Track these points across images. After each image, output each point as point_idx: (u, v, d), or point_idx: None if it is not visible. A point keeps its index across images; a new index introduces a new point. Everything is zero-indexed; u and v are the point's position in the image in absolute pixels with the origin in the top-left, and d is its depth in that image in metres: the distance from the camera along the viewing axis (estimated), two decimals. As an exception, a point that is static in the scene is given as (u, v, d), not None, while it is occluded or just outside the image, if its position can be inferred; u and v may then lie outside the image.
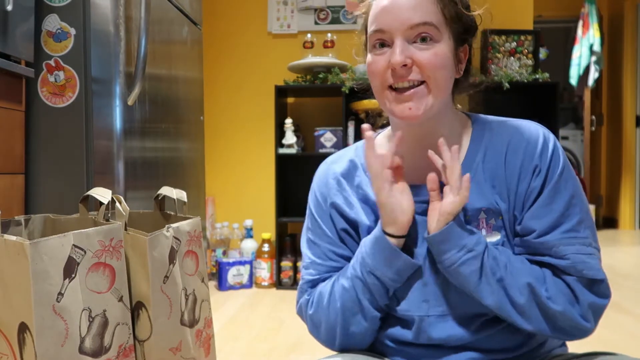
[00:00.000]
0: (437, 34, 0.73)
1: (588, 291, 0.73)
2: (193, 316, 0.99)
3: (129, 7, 1.65)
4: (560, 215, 0.75)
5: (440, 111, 0.78)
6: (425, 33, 0.73)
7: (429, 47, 0.73)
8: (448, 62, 0.75)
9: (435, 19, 0.73)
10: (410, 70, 0.73)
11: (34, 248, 0.72)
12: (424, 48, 0.73)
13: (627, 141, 5.01)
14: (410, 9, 0.72)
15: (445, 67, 0.74)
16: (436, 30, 0.73)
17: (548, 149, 0.77)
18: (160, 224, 1.03)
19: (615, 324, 2.03)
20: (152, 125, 1.84)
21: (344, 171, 0.88)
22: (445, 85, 0.76)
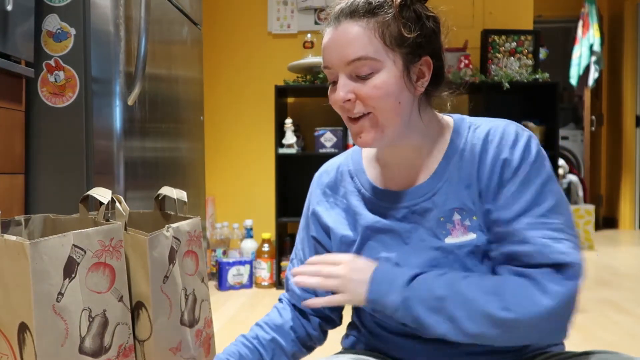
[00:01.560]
0: (376, 65, 0.74)
1: (555, 278, 0.70)
2: (193, 316, 0.99)
3: (129, 7, 1.65)
4: (530, 203, 0.75)
5: (403, 131, 0.79)
6: (362, 68, 0.74)
7: (369, 79, 0.75)
8: (392, 88, 0.75)
9: (371, 51, 0.74)
10: (354, 104, 0.76)
11: (34, 248, 0.72)
12: (363, 82, 0.75)
13: (627, 141, 5.01)
14: (345, 45, 0.74)
15: (388, 96, 0.75)
16: (373, 61, 0.74)
17: (519, 142, 0.77)
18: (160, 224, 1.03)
19: (615, 324, 2.04)
20: (152, 125, 1.84)
21: (330, 182, 0.93)
22: (393, 112, 0.76)
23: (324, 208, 0.92)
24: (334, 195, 0.91)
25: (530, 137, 0.78)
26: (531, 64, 2.95)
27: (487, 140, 0.79)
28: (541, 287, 0.70)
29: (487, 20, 3.11)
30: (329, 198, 0.92)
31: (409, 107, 0.78)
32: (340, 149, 2.74)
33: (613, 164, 5.27)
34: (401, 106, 0.77)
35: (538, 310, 0.69)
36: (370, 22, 0.74)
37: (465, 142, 0.81)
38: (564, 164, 4.24)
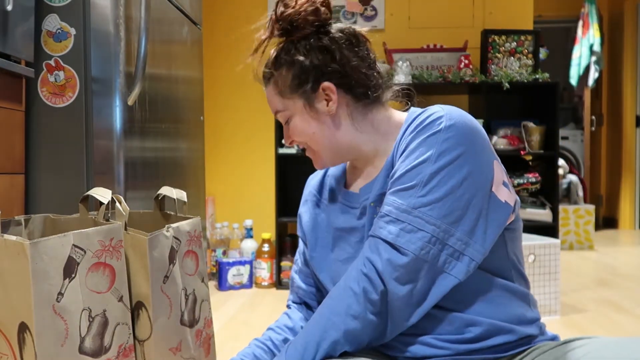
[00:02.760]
0: (287, 113, 0.89)
1: (380, 249, 0.77)
2: (193, 316, 0.99)
3: (129, 7, 1.65)
4: (398, 177, 0.79)
5: (342, 148, 0.89)
6: (281, 118, 0.91)
7: (289, 125, 0.90)
8: (303, 125, 0.88)
9: (280, 105, 0.90)
10: (295, 142, 0.93)
11: (34, 248, 0.72)
12: (288, 127, 0.91)
13: (627, 141, 5.01)
14: (269, 103, 0.93)
15: (303, 132, 0.89)
16: (283, 112, 0.90)
17: (428, 119, 0.80)
18: (160, 224, 1.03)
19: (615, 324, 2.04)
20: (152, 125, 1.84)
21: (316, 184, 1.02)
22: (316, 140, 0.89)
23: (306, 209, 1.01)
24: (318, 197, 1.00)
25: (442, 115, 0.79)
26: (531, 64, 2.95)
27: (410, 124, 0.84)
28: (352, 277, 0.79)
29: (487, 20, 3.11)
30: (313, 199, 1.00)
31: (328, 131, 0.88)
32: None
33: (613, 164, 5.27)
34: (318, 135, 0.88)
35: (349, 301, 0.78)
36: (271, 85, 0.91)
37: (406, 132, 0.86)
38: (564, 164, 4.24)
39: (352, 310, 0.77)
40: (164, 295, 0.90)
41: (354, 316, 0.77)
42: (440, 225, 0.75)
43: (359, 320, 0.77)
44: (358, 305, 0.77)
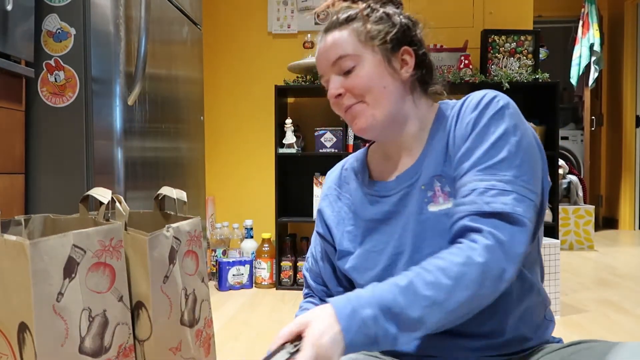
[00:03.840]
0: (356, 58, 0.84)
1: (496, 224, 0.71)
2: (193, 316, 0.99)
3: (129, 7, 1.65)
4: (480, 157, 0.77)
5: (396, 116, 0.86)
6: (343, 64, 0.85)
7: (351, 73, 0.84)
8: (375, 75, 0.84)
9: (350, 49, 0.84)
10: (344, 97, 0.86)
11: (34, 248, 0.72)
12: (348, 76, 0.85)
13: (627, 141, 5.01)
14: (329, 50, 0.86)
15: (372, 81, 0.84)
16: (353, 56, 0.84)
17: (483, 100, 0.80)
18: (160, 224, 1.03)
19: (615, 324, 2.03)
20: (152, 125, 1.84)
21: (335, 179, 1.01)
22: (380, 95, 0.84)
23: (327, 203, 0.98)
24: (339, 191, 0.98)
25: (496, 95, 0.81)
26: (531, 64, 2.95)
27: (461, 108, 0.84)
28: (471, 247, 0.70)
29: (487, 20, 3.12)
30: (333, 194, 0.98)
31: (397, 92, 0.85)
32: (340, 149, 2.74)
33: (613, 164, 5.27)
34: (387, 90, 0.85)
35: (472, 271, 0.69)
36: (346, 29, 0.86)
37: (446, 116, 0.87)
38: (564, 164, 4.23)
39: (484, 281, 0.69)
40: (164, 295, 0.90)
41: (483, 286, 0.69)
42: (536, 191, 0.76)
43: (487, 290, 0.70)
44: (489, 280, 0.69)
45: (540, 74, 2.82)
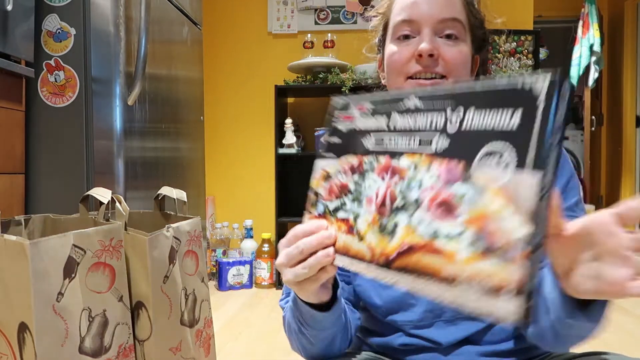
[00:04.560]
0: (463, 34, 0.75)
1: None
2: (193, 316, 0.99)
3: (129, 7, 1.65)
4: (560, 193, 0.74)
5: None
6: (453, 29, 0.74)
7: (455, 44, 0.74)
8: (468, 63, 0.76)
9: (463, 19, 0.75)
10: (436, 62, 0.74)
11: (34, 248, 0.72)
12: (450, 44, 0.74)
13: (627, 141, 5.01)
14: (442, 3, 0.74)
15: (465, 67, 0.76)
16: (462, 29, 0.75)
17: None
18: (160, 224, 1.03)
19: (615, 324, 2.03)
20: (152, 125, 1.84)
21: None
22: None
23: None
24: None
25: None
26: (531, 64, 2.95)
27: None
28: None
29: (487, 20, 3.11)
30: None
31: None
32: (340, 149, 2.74)
33: (613, 164, 5.28)
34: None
35: None
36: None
37: None
38: (564, 164, 4.24)
39: None
40: (164, 295, 0.90)
41: None
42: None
43: None
44: None
45: (540, 74, 2.82)
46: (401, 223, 0.50)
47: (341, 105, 0.61)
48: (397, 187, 0.52)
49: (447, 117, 0.49)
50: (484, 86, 0.47)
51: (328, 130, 0.61)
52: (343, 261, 0.55)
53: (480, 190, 0.44)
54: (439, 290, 0.45)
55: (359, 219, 0.55)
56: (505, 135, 0.44)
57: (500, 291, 0.40)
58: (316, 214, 0.60)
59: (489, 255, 0.42)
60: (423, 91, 0.52)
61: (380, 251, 0.51)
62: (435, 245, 0.46)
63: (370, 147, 0.56)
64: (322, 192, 0.60)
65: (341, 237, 0.56)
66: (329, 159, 0.60)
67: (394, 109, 0.54)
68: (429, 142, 0.50)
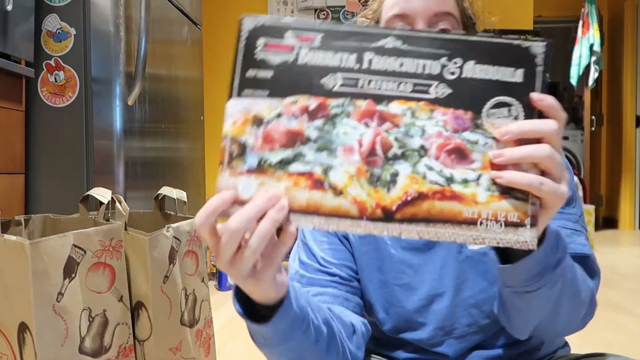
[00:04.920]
0: (457, 28, 0.74)
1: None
2: (193, 316, 0.99)
3: (129, 7, 1.65)
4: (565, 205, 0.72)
5: None
6: (446, 24, 0.73)
7: None
8: None
9: (456, 13, 0.74)
10: None
11: (34, 248, 0.72)
12: None
13: (627, 141, 5.01)
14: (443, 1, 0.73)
15: None
16: (456, 23, 0.74)
17: None
18: (160, 224, 1.03)
19: (615, 324, 2.03)
20: (152, 125, 1.84)
21: None
22: None
23: None
24: None
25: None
26: (531, 64, 2.95)
27: None
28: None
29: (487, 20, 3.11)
30: None
31: None
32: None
33: (613, 164, 5.27)
34: None
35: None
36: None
37: None
38: (564, 164, 4.24)
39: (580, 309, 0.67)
40: (164, 295, 0.90)
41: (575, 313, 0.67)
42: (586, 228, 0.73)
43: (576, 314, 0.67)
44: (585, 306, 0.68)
45: (540, 74, 2.82)
46: (403, 172, 0.47)
47: (266, 29, 0.50)
48: (391, 134, 0.48)
49: (442, 65, 0.48)
50: (481, 40, 0.48)
51: (245, 60, 0.50)
52: (311, 221, 0.47)
53: (492, 137, 0.47)
54: (459, 231, 0.46)
55: (331, 171, 0.47)
56: (511, 88, 0.47)
57: (521, 223, 0.46)
58: (243, 169, 0.47)
59: (508, 195, 0.46)
60: (404, 33, 0.49)
61: (375, 204, 0.47)
62: (452, 190, 0.47)
63: (335, 88, 0.48)
64: (252, 141, 0.48)
65: (302, 194, 0.47)
66: (255, 97, 0.49)
67: (365, 47, 0.49)
68: (425, 88, 0.48)
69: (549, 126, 0.47)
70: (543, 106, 0.48)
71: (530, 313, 0.63)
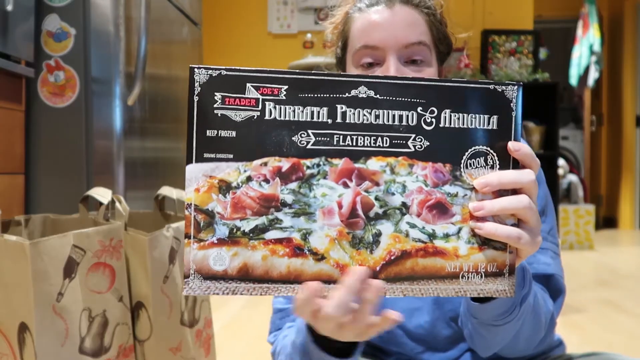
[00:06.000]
0: (429, 56, 0.70)
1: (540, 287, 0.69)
2: (193, 316, 0.99)
3: (129, 7, 1.65)
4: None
5: None
6: (419, 54, 0.69)
7: (421, 69, 0.69)
8: None
9: (427, 40, 0.70)
10: None
11: (34, 248, 0.72)
12: (416, 70, 0.69)
13: (627, 141, 5.01)
14: (405, 26, 0.68)
15: None
16: (428, 51, 0.70)
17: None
18: (160, 224, 1.03)
19: (615, 324, 2.03)
20: (152, 125, 1.84)
21: None
22: None
23: None
24: None
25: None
26: (531, 64, 2.95)
27: None
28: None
29: (487, 20, 3.12)
30: None
31: None
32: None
33: (613, 164, 5.28)
34: None
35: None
36: (422, 15, 0.71)
37: None
38: (564, 164, 4.24)
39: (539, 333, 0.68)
40: (164, 295, 0.91)
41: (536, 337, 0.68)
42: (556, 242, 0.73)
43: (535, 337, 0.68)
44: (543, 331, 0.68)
45: (540, 74, 2.82)
46: (385, 231, 0.46)
47: (222, 81, 0.45)
48: (371, 193, 0.46)
49: (419, 115, 0.47)
50: (455, 86, 0.48)
51: (201, 118, 0.44)
52: (293, 290, 0.45)
53: (470, 188, 0.48)
54: (442, 286, 0.47)
55: (311, 236, 0.45)
56: (487, 136, 0.48)
57: (500, 272, 0.48)
58: (213, 241, 0.44)
59: (487, 246, 0.47)
60: (376, 80, 0.46)
61: (359, 265, 0.45)
62: (435, 246, 0.47)
63: (309, 146, 0.45)
64: (221, 209, 0.44)
65: (281, 262, 0.45)
66: (218, 161, 0.45)
67: (336, 98, 0.46)
68: (403, 141, 0.47)
69: (527, 177, 0.47)
70: (519, 155, 0.48)
71: (494, 340, 0.65)
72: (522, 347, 0.68)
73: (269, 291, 0.45)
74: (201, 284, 0.44)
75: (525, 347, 0.69)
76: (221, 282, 0.45)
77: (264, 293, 0.45)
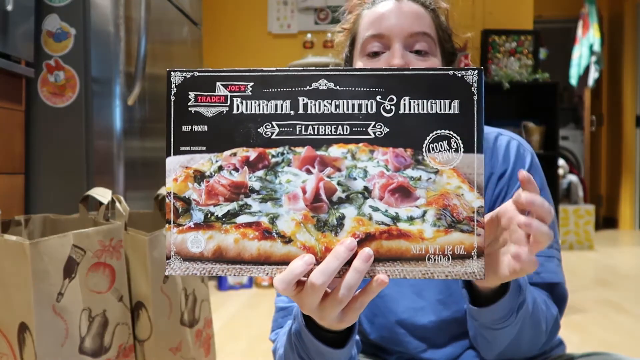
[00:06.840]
0: (433, 48, 0.73)
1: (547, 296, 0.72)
2: (193, 316, 0.99)
3: (129, 7, 1.65)
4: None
5: None
6: (423, 44, 0.72)
7: (426, 59, 0.72)
8: None
9: (432, 33, 0.73)
10: None
11: (34, 248, 0.72)
12: (420, 59, 0.72)
13: (627, 141, 5.01)
14: (412, 17, 0.72)
15: None
16: (433, 43, 0.73)
17: (511, 150, 0.76)
18: (160, 224, 1.03)
19: (615, 324, 2.03)
20: (152, 125, 1.84)
21: None
22: None
23: None
24: None
25: (521, 142, 0.78)
26: (531, 64, 2.95)
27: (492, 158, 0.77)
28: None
29: (487, 20, 3.12)
30: None
31: None
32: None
33: (613, 164, 5.28)
34: None
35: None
36: (428, 12, 0.75)
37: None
38: (564, 164, 4.24)
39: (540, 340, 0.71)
40: (164, 295, 0.91)
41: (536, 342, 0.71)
42: (559, 248, 0.74)
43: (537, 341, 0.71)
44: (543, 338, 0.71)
45: (540, 74, 2.82)
46: (349, 215, 0.48)
47: (194, 82, 0.50)
48: (334, 178, 0.49)
49: (378, 103, 0.48)
50: (414, 74, 0.48)
51: (177, 115, 0.50)
52: (263, 270, 0.48)
53: (434, 172, 0.48)
54: (409, 268, 0.48)
55: (278, 220, 0.48)
56: (449, 121, 0.48)
57: (468, 255, 0.47)
58: (190, 225, 0.48)
59: (453, 229, 0.48)
60: (335, 73, 0.49)
61: (324, 248, 0.48)
62: (399, 229, 0.48)
63: (273, 136, 0.49)
64: (197, 197, 0.49)
65: (251, 245, 0.48)
66: (192, 153, 0.49)
67: (298, 91, 0.49)
68: (363, 129, 0.48)
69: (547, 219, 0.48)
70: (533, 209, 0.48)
71: (495, 343, 0.67)
72: (524, 350, 0.70)
73: (241, 272, 0.48)
74: (181, 264, 0.49)
75: (528, 350, 0.71)
76: (198, 263, 0.48)
77: (237, 273, 0.48)
